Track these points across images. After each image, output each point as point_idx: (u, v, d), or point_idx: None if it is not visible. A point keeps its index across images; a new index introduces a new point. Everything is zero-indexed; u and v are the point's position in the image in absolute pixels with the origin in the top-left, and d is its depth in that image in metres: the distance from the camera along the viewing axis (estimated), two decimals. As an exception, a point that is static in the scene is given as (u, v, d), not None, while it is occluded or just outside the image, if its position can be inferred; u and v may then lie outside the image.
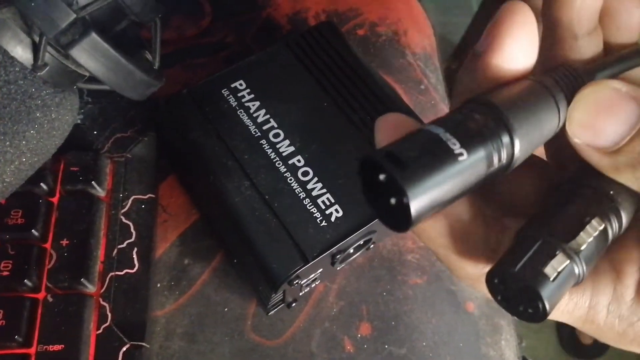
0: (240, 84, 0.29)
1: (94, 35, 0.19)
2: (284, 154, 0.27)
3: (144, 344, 0.25)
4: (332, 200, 0.26)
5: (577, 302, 0.15)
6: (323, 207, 0.25)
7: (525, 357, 0.31)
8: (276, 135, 0.27)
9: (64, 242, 0.26)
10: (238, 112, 0.28)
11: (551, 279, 0.13)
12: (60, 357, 0.24)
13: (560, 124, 0.14)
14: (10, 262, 0.25)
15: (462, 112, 0.13)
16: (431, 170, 0.11)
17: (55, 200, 0.27)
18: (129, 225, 0.27)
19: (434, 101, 0.37)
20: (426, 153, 0.11)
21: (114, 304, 0.26)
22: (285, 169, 0.26)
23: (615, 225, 0.14)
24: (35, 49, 0.20)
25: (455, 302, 0.30)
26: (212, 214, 0.29)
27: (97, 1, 0.19)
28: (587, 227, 0.13)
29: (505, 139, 0.12)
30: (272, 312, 0.28)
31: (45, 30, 0.18)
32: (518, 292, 0.13)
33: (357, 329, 0.29)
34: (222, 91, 0.29)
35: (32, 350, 0.24)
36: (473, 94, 0.14)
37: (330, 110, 0.28)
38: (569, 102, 0.14)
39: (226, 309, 0.28)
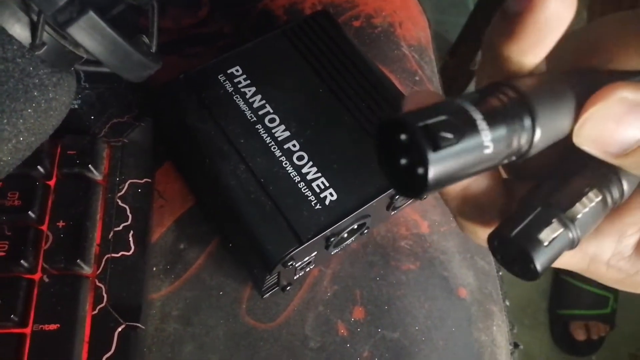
0: (237, 70, 0.29)
1: (91, 13, 0.19)
2: (279, 139, 0.27)
3: (139, 325, 0.25)
4: (327, 184, 0.26)
5: (581, 257, 0.16)
6: (317, 190, 0.26)
7: (516, 343, 0.31)
8: (272, 120, 0.28)
9: (60, 223, 0.26)
10: (234, 98, 0.28)
11: (545, 244, 0.13)
12: (55, 337, 0.24)
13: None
14: (7, 243, 0.25)
15: (488, 91, 0.13)
16: (454, 142, 0.11)
17: (52, 183, 0.27)
18: (125, 208, 0.28)
19: (428, 92, 0.37)
20: (451, 123, 0.11)
21: (109, 285, 0.26)
22: (280, 153, 0.27)
23: (616, 194, 0.15)
24: (34, 28, 0.20)
25: (447, 287, 0.31)
26: (208, 199, 0.29)
27: (94, -19, 0.19)
28: (584, 198, 0.14)
29: (528, 124, 0.12)
30: (267, 295, 0.28)
31: (43, 8, 0.19)
32: (515, 254, 0.14)
33: (350, 313, 0.29)
34: (219, 77, 0.29)
35: (27, 330, 0.24)
36: (504, 68, 0.13)
37: (326, 96, 0.29)
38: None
39: (221, 293, 0.29)
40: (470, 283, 0.31)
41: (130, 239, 0.27)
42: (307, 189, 0.26)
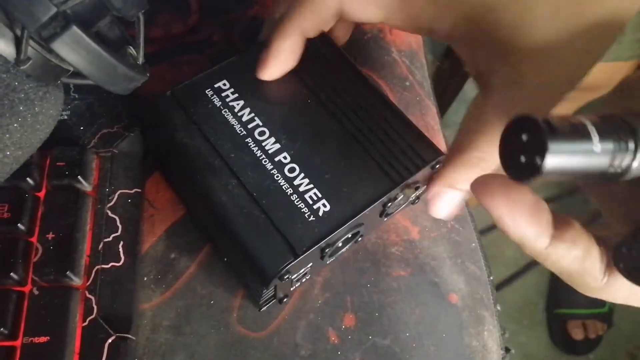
0: (224, 84, 0.29)
1: (75, 28, 0.19)
2: (270, 152, 0.27)
3: (129, 335, 0.25)
4: (319, 195, 0.26)
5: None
6: (310, 202, 0.26)
7: (508, 348, 0.32)
8: (262, 134, 0.28)
9: (50, 235, 0.26)
10: (223, 112, 0.28)
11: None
12: (45, 349, 0.24)
13: None
14: (-4, 255, 0.25)
15: (605, 116, 0.15)
16: (569, 139, 0.14)
17: (41, 194, 0.27)
18: (115, 219, 0.28)
19: (419, 97, 0.38)
20: (570, 127, 0.15)
21: (99, 296, 0.26)
22: (271, 166, 0.27)
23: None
24: (18, 43, 0.20)
25: (438, 293, 0.31)
26: (200, 214, 0.30)
27: (78, -4, 0.19)
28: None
29: (631, 147, 0.15)
30: (264, 308, 0.28)
31: (26, 24, 0.19)
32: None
33: (341, 320, 0.29)
34: (206, 91, 0.29)
35: (17, 343, 0.24)
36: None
37: (314, 107, 0.29)
38: None
39: (212, 302, 0.29)
40: (461, 288, 0.31)
41: (120, 249, 0.27)
42: (300, 201, 0.26)
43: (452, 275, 0.32)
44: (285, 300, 0.29)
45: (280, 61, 0.29)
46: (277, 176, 0.26)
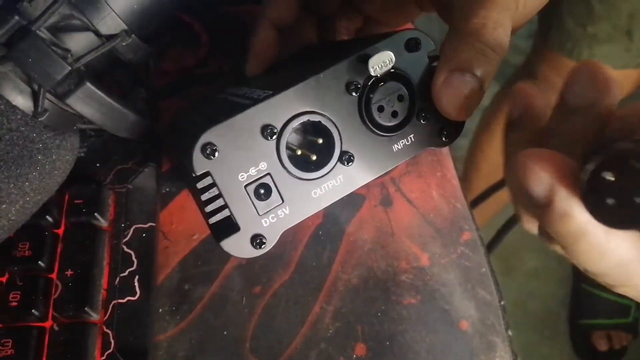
0: None
1: (88, 85, 0.20)
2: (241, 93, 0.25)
3: (145, 369, 0.26)
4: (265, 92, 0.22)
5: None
6: (253, 96, 0.22)
7: (521, 374, 0.31)
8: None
9: (69, 272, 0.27)
10: None
11: None
12: (66, 384, 0.25)
13: None
14: (19, 293, 0.26)
15: None
16: None
17: (60, 232, 0.29)
18: (130, 254, 0.29)
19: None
20: None
21: (117, 330, 0.27)
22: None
23: None
24: (35, 97, 0.21)
25: (449, 320, 0.31)
26: None
27: (90, 53, 0.20)
28: None
29: None
30: (225, 239, 0.21)
31: (42, 83, 0.20)
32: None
33: (352, 349, 0.30)
34: None
35: (39, 378, 0.25)
36: None
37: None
38: None
39: (225, 332, 0.30)
40: (471, 315, 0.31)
41: (136, 283, 0.28)
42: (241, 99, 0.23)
43: (462, 301, 0.32)
44: (263, 245, 0.22)
45: (257, 55, 0.30)
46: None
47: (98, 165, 0.31)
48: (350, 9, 0.32)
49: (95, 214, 0.29)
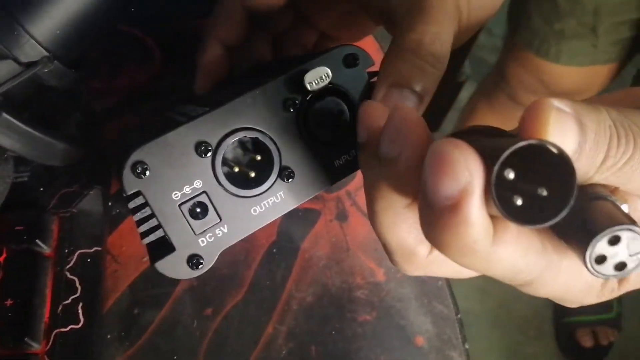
0: None
1: (4, 115, 0.20)
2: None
3: (88, 400, 0.26)
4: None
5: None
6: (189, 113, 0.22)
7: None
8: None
9: (8, 302, 0.26)
10: None
11: None
12: (3, 419, 0.24)
13: None
14: (-45, 326, 0.25)
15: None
16: None
17: (0, 260, 0.28)
18: (74, 280, 0.28)
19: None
20: None
21: (59, 361, 0.26)
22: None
23: None
24: (-47, 129, 0.20)
25: (404, 336, 0.30)
26: None
27: (7, 82, 0.20)
28: None
29: None
30: (160, 261, 0.20)
31: (-47, 116, 0.19)
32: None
33: (305, 370, 0.29)
34: None
35: (-24, 414, 0.24)
36: None
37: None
38: None
39: (175, 357, 0.29)
40: (428, 330, 0.31)
41: (80, 310, 0.27)
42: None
43: (418, 316, 0.31)
44: (201, 266, 0.21)
45: (205, 73, 0.30)
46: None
47: (42, 189, 0.30)
48: (305, 25, 0.32)
49: (37, 240, 0.28)
